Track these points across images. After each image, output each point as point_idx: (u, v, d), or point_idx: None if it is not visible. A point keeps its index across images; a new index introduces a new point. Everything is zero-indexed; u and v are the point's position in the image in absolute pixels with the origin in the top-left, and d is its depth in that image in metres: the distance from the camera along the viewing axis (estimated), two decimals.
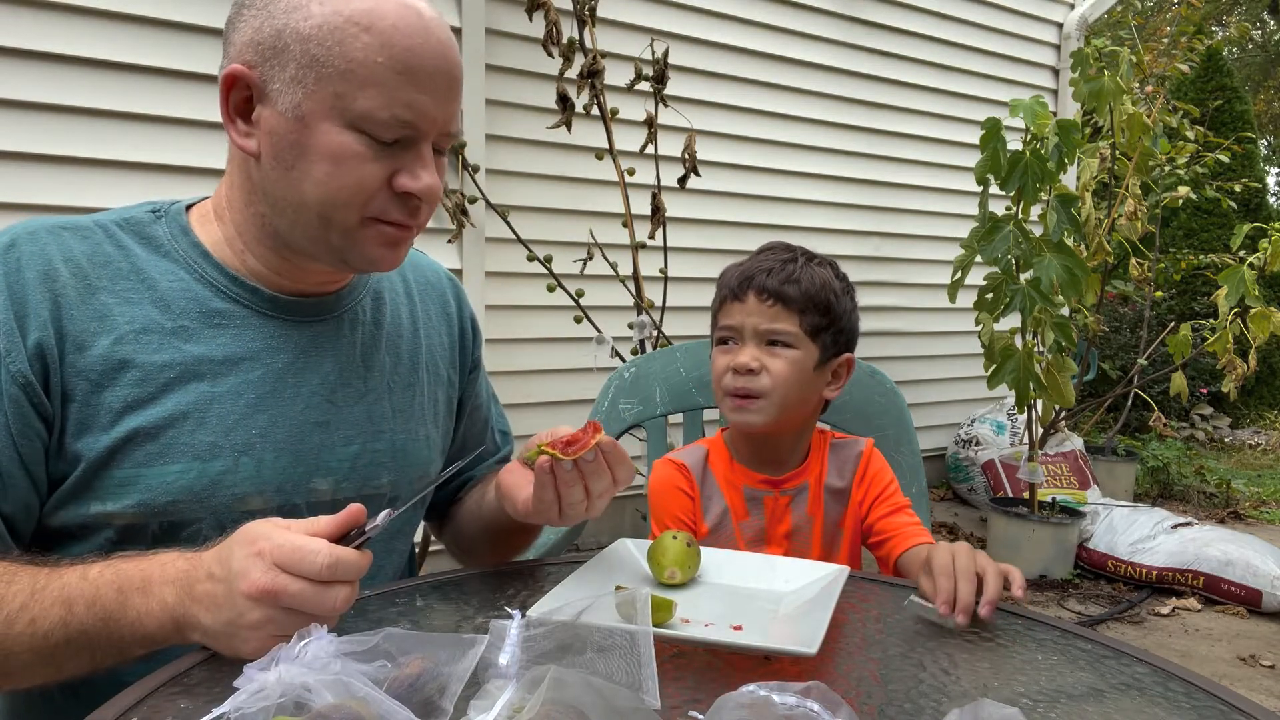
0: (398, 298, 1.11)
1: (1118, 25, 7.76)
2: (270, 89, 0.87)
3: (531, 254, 2.78)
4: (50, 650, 0.78)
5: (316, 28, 0.85)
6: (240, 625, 0.72)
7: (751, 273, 1.21)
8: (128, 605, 0.77)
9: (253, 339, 0.95)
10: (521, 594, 0.91)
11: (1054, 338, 2.98)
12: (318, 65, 0.85)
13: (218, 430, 0.91)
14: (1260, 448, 6.47)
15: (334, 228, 0.90)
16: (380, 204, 0.90)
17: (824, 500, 1.26)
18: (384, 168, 0.88)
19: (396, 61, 0.85)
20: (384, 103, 0.86)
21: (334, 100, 0.85)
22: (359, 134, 0.86)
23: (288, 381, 0.96)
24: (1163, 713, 0.72)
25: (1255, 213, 6.64)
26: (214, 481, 0.90)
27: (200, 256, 0.95)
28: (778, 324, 1.20)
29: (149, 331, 0.90)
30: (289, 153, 0.88)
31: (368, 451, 1.00)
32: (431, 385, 1.11)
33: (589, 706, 0.56)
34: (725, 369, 1.21)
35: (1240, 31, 14.56)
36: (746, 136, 3.75)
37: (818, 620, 0.80)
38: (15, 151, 2.21)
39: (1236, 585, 3.31)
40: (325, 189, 0.88)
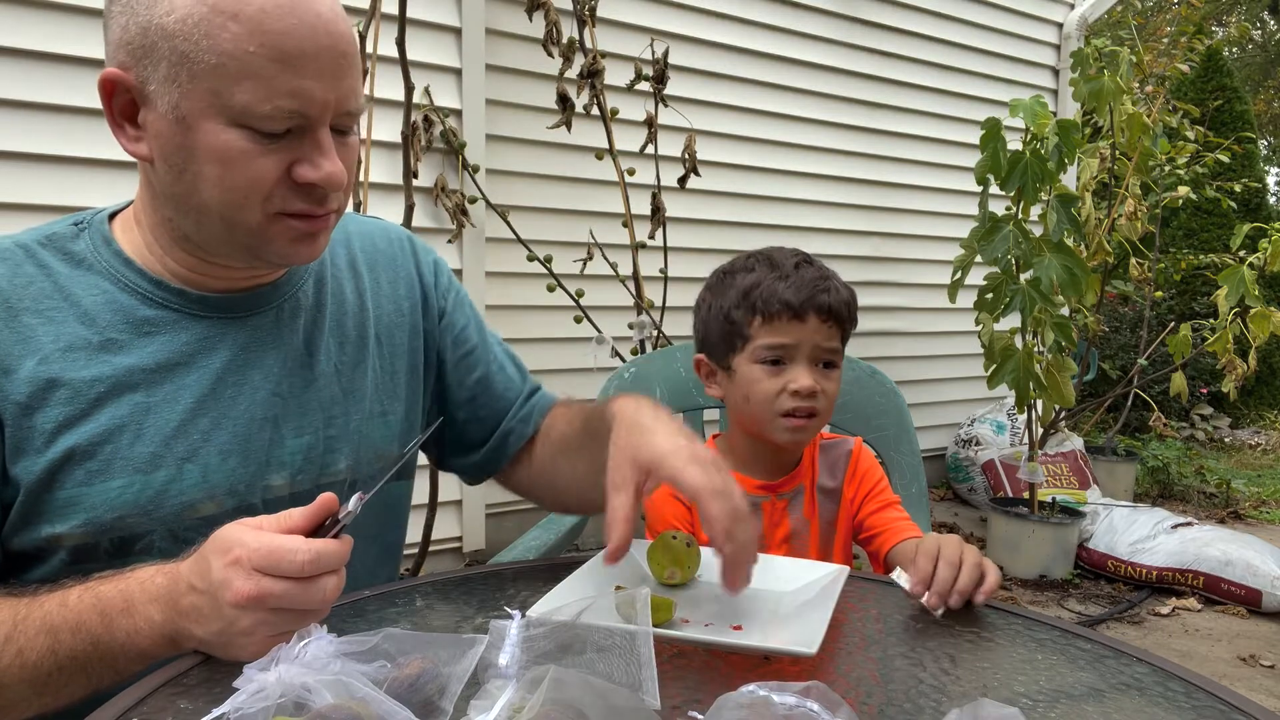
0: (340, 274, 1.05)
1: (1118, 25, 7.76)
2: (148, 90, 0.82)
3: (531, 254, 2.78)
4: (44, 679, 0.77)
5: (180, 21, 0.79)
6: (233, 633, 0.71)
7: (808, 291, 1.19)
8: (114, 628, 0.76)
9: (185, 342, 0.91)
10: (522, 594, 0.91)
11: (1054, 338, 2.98)
12: (188, 62, 0.79)
13: (156, 440, 0.88)
14: (1260, 448, 6.47)
15: (238, 228, 0.86)
16: (282, 198, 0.85)
17: (818, 501, 1.27)
18: (279, 160, 0.83)
19: (270, 49, 0.79)
20: (264, 95, 0.80)
21: (211, 98, 0.80)
22: (244, 129, 0.81)
23: (228, 381, 0.92)
24: (1163, 713, 0.72)
25: (1255, 213, 6.64)
26: (159, 492, 0.87)
27: (123, 265, 0.91)
28: (832, 342, 1.21)
29: (75, 349, 0.87)
30: (177, 156, 0.84)
31: (321, 440, 0.97)
32: (387, 358, 1.06)
33: (589, 706, 0.56)
34: (780, 390, 1.19)
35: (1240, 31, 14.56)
36: (746, 136, 3.75)
37: (817, 620, 0.80)
38: (15, 151, 2.21)
39: (1236, 585, 3.31)
40: (219, 189, 0.83)
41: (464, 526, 3.07)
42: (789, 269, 1.21)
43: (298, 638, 0.64)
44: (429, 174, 2.80)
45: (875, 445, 1.52)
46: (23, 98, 2.20)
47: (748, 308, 1.21)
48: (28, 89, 2.21)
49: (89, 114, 2.29)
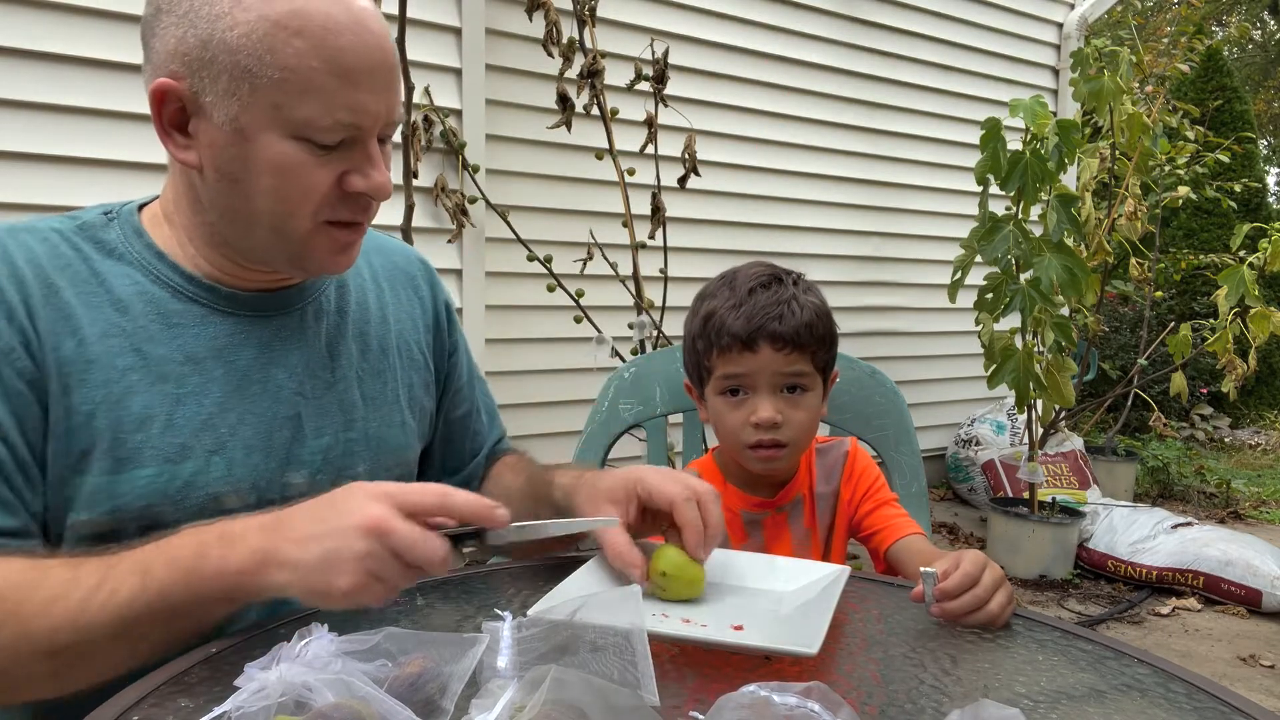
0: (364, 284, 1.09)
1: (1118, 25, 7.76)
2: (203, 101, 0.84)
3: (531, 254, 2.78)
4: (131, 622, 0.75)
5: (243, 36, 0.81)
6: (341, 556, 0.72)
7: (759, 320, 1.15)
8: (207, 556, 0.76)
9: (214, 337, 0.93)
10: (522, 594, 0.91)
11: (1054, 338, 2.98)
12: (250, 76, 0.82)
13: (186, 431, 0.89)
14: (1260, 448, 6.47)
15: (286, 236, 0.89)
16: (331, 208, 0.88)
17: (817, 510, 1.26)
18: (331, 171, 0.87)
19: (332, 64, 0.82)
20: (325, 109, 0.83)
21: (272, 111, 0.83)
22: (302, 142, 0.84)
23: (253, 378, 0.94)
24: (1164, 714, 0.72)
25: (1255, 213, 6.64)
26: (186, 483, 0.88)
27: (155, 258, 0.93)
28: (794, 367, 1.16)
29: (110, 335, 0.88)
30: (231, 166, 0.86)
31: (340, 442, 0.99)
32: (405, 370, 1.09)
33: (590, 706, 0.56)
34: (743, 423, 1.17)
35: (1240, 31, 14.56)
36: (746, 136, 3.75)
37: (818, 620, 0.80)
38: (15, 151, 2.21)
39: (1236, 585, 3.31)
40: (274, 200, 0.86)
41: None
42: (743, 294, 1.17)
43: (298, 636, 0.64)
44: (429, 174, 2.80)
45: (875, 445, 1.52)
46: (23, 98, 2.20)
47: (705, 338, 1.19)
48: (28, 89, 2.21)
49: (89, 114, 2.29)
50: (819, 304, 1.20)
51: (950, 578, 0.88)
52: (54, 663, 0.76)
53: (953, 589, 0.87)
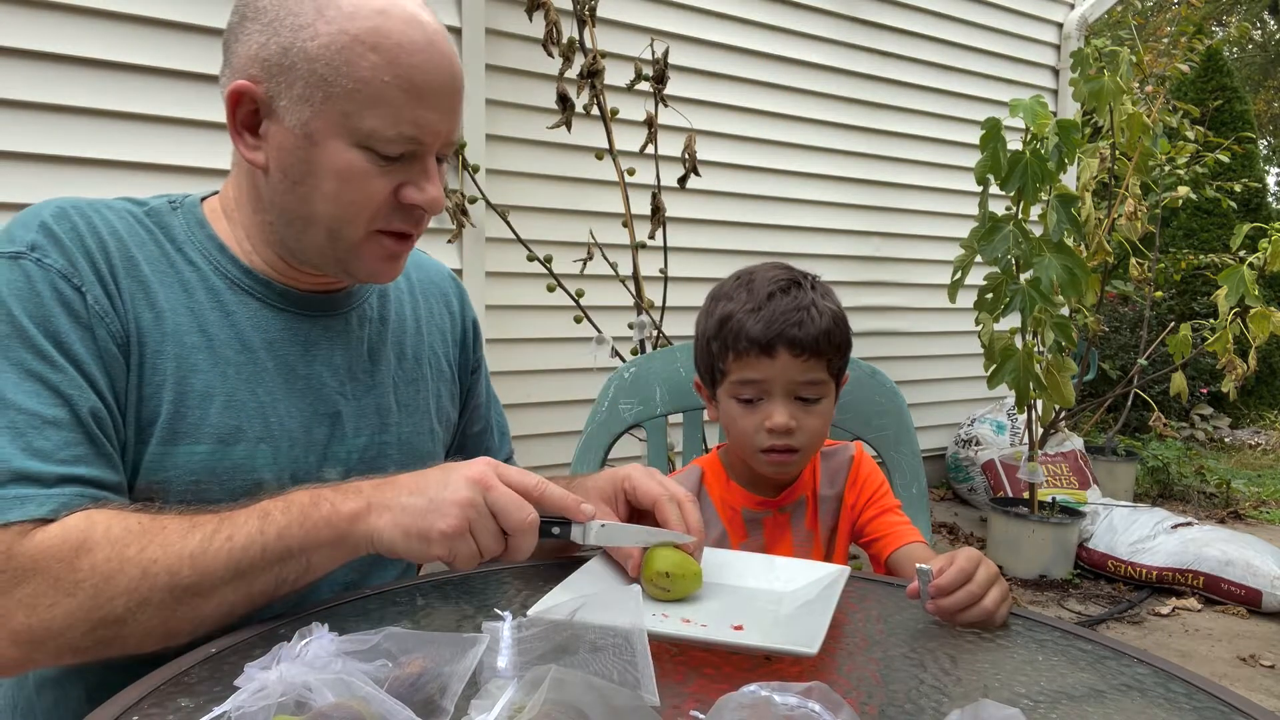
0: (401, 295, 1.13)
1: (1118, 25, 7.77)
2: (277, 105, 0.88)
3: (531, 254, 2.78)
4: (247, 564, 0.80)
5: (323, 47, 0.86)
6: (446, 500, 0.80)
7: (778, 326, 1.13)
8: (320, 501, 0.82)
9: (266, 330, 0.97)
10: (522, 594, 0.91)
11: (1054, 338, 2.98)
12: (325, 84, 0.86)
13: (241, 414, 0.93)
14: (1260, 448, 6.47)
15: (340, 241, 0.92)
16: (385, 217, 0.92)
17: (820, 512, 1.26)
18: (390, 182, 0.90)
19: (403, 80, 0.87)
20: (391, 121, 0.87)
21: (341, 119, 0.87)
22: (366, 151, 0.88)
23: (299, 373, 0.98)
24: (1164, 714, 0.72)
25: (1255, 213, 6.64)
26: (235, 465, 0.92)
27: (216, 249, 0.97)
28: (810, 375, 1.16)
29: (180, 313, 0.92)
30: (297, 169, 0.90)
31: (375, 444, 1.03)
32: (435, 381, 1.13)
33: (590, 706, 0.56)
34: (756, 428, 1.16)
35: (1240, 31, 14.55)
36: (746, 136, 3.75)
37: (818, 620, 0.80)
38: (15, 151, 2.21)
39: (1236, 585, 3.31)
40: (333, 204, 0.90)
41: None
42: (762, 298, 1.16)
43: (299, 636, 0.64)
44: None
45: (875, 445, 1.52)
46: (23, 98, 2.20)
47: (721, 341, 1.17)
48: (28, 89, 2.21)
49: (89, 114, 2.29)
50: (836, 310, 1.19)
51: (944, 574, 0.88)
52: (174, 606, 0.79)
53: (946, 585, 0.87)
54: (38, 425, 0.81)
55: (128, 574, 0.77)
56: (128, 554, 0.78)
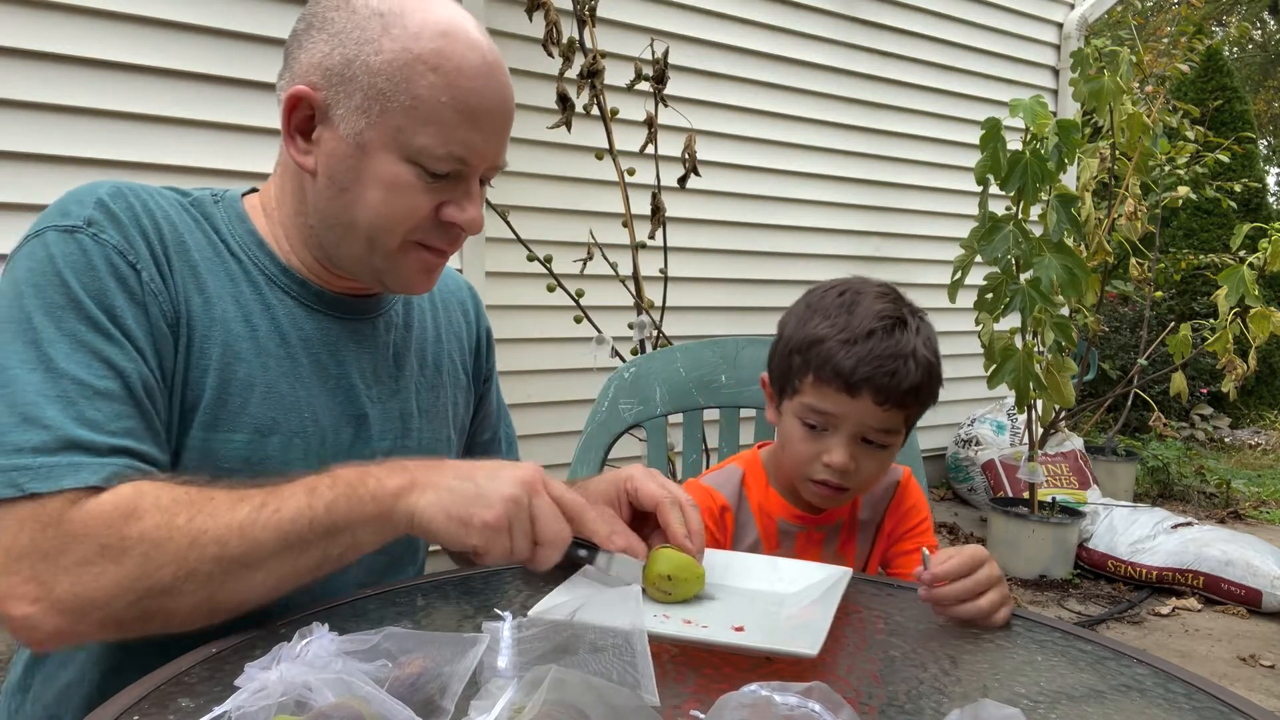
0: (423, 303, 1.15)
1: (1118, 25, 7.77)
2: (334, 113, 0.91)
3: (531, 254, 2.78)
4: (294, 536, 0.80)
5: (386, 63, 0.88)
6: (493, 495, 0.80)
7: (868, 370, 1.07)
8: (368, 477, 0.83)
9: (302, 328, 0.98)
10: (522, 594, 0.91)
11: (1054, 338, 2.98)
12: (383, 99, 0.89)
13: (279, 408, 0.94)
14: (1260, 448, 6.47)
15: (378, 250, 0.94)
16: (424, 232, 0.94)
17: (857, 538, 1.23)
18: (433, 198, 0.93)
19: (459, 102, 0.90)
20: (442, 140, 0.90)
21: (395, 133, 0.89)
22: (414, 166, 0.91)
23: (330, 373, 0.99)
24: (1163, 714, 0.72)
25: (1255, 213, 6.64)
26: (269, 457, 0.93)
27: (256, 245, 0.98)
28: (886, 424, 1.10)
29: (228, 300, 0.94)
30: (345, 176, 0.92)
31: (399, 449, 1.04)
32: (452, 389, 1.15)
33: (590, 706, 0.56)
34: (813, 458, 1.11)
35: (1240, 31, 14.56)
36: (746, 136, 3.75)
37: (819, 622, 0.80)
38: (15, 151, 2.21)
39: (1236, 585, 3.31)
40: (376, 214, 0.92)
41: None
42: (861, 332, 1.08)
43: (299, 636, 0.64)
44: None
45: None
46: (23, 98, 2.20)
47: (804, 360, 1.10)
48: (28, 89, 2.21)
49: (89, 114, 2.29)
50: (933, 360, 1.13)
51: (944, 564, 0.88)
52: (222, 578, 0.78)
53: (942, 574, 0.88)
54: (89, 395, 0.81)
55: (176, 542, 0.77)
56: (177, 522, 0.77)
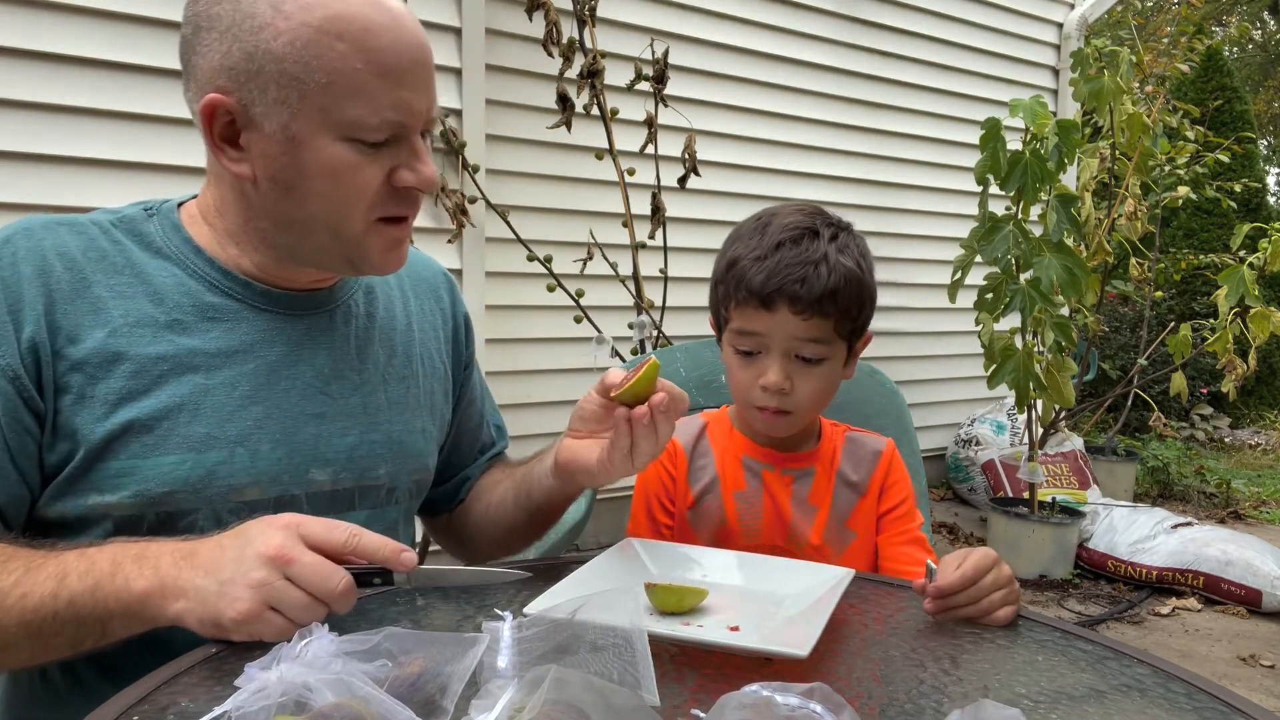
0: (391, 291, 1.12)
1: (1118, 25, 7.77)
2: (254, 113, 0.86)
3: (531, 254, 2.78)
4: (38, 625, 0.78)
5: (288, 45, 0.84)
6: (237, 583, 0.73)
7: (778, 280, 1.06)
8: (118, 572, 0.78)
9: (246, 332, 0.95)
10: (522, 594, 0.91)
11: (1054, 338, 2.98)
12: (298, 83, 0.85)
13: (213, 422, 0.91)
14: (1260, 448, 6.47)
15: (342, 237, 0.92)
16: (382, 204, 0.91)
17: (834, 491, 1.21)
18: (380, 168, 0.89)
19: (376, 65, 0.85)
20: (372, 109, 0.86)
21: (322, 115, 0.86)
22: (352, 143, 0.87)
23: (281, 374, 0.97)
24: (1163, 714, 0.72)
25: (1255, 213, 6.64)
26: (209, 472, 0.91)
27: (193, 252, 0.96)
28: (811, 334, 1.09)
29: (143, 325, 0.91)
30: (286, 174, 0.88)
31: (365, 443, 1.01)
32: (427, 378, 1.12)
33: (590, 706, 0.56)
34: (751, 383, 1.12)
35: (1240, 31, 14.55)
36: (746, 136, 3.75)
37: (814, 622, 0.80)
38: (15, 151, 2.21)
39: (1236, 585, 3.31)
40: (330, 203, 0.89)
41: None
42: (770, 246, 1.08)
43: (299, 636, 0.64)
44: None
45: None
46: (23, 98, 2.20)
47: (726, 286, 1.12)
48: (28, 89, 2.21)
49: (90, 114, 2.29)
50: (852, 266, 1.11)
51: (948, 578, 0.87)
52: None
53: (946, 588, 0.87)
54: None
55: None
56: None
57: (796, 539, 1.18)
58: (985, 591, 0.88)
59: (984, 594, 0.88)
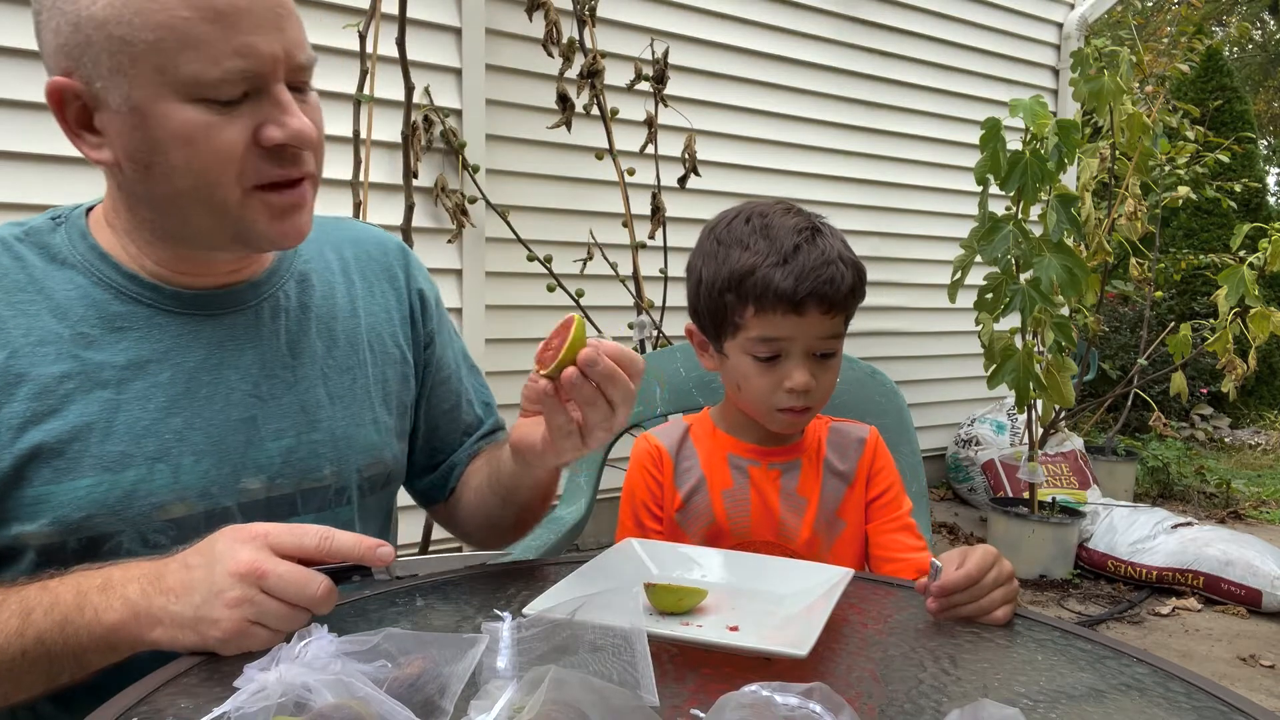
0: (332, 277, 1.04)
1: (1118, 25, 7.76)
2: (96, 89, 0.80)
3: (531, 254, 2.78)
4: (8, 664, 0.76)
5: (107, 5, 0.77)
6: (213, 604, 0.71)
7: (809, 283, 1.06)
8: (85, 605, 0.75)
9: (159, 339, 0.89)
10: (521, 594, 0.91)
11: (1054, 338, 2.98)
12: (127, 46, 0.77)
13: (127, 439, 0.86)
14: (1260, 448, 6.46)
15: (219, 211, 0.84)
16: (255, 169, 0.83)
17: (823, 481, 1.21)
18: (241, 128, 0.81)
19: (203, 10, 0.77)
20: (210, 60, 0.77)
21: (158, 77, 0.77)
22: (201, 103, 0.79)
23: (202, 380, 0.90)
24: (1163, 713, 0.72)
25: (1255, 213, 6.64)
26: (128, 493, 0.85)
27: (99, 260, 0.89)
28: (834, 330, 1.11)
29: (46, 343, 0.85)
30: (141, 150, 0.81)
31: (304, 444, 0.95)
32: (379, 365, 1.05)
33: (590, 707, 0.56)
34: (774, 387, 1.11)
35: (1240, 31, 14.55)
36: (746, 136, 3.75)
37: (813, 622, 0.80)
38: (15, 151, 2.21)
39: (1236, 585, 3.31)
40: (193, 173, 0.81)
41: None
42: (788, 249, 1.08)
43: (298, 637, 0.64)
44: (429, 174, 2.80)
45: None
46: (23, 98, 2.20)
47: (740, 294, 1.09)
48: (28, 89, 2.21)
49: None
50: (856, 257, 1.14)
51: (950, 577, 0.87)
52: None
53: (949, 586, 0.87)
54: None
55: None
56: None
57: (786, 533, 1.18)
58: (987, 589, 0.89)
59: (985, 592, 0.88)
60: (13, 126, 2.20)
